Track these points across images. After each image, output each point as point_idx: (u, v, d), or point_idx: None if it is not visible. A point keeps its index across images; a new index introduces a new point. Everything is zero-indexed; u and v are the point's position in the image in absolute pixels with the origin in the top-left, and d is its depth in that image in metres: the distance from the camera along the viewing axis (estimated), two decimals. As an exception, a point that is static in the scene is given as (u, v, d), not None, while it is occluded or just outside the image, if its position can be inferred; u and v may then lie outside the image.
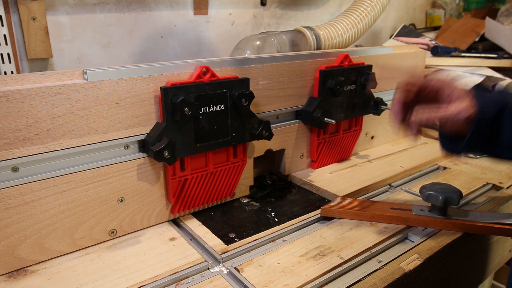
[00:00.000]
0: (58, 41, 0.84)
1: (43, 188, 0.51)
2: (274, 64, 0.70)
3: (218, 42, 1.09)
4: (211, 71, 0.61)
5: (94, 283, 0.49)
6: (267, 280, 0.49)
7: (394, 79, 0.95)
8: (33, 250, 0.52)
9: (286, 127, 0.76)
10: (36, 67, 0.83)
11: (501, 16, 1.42)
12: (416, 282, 0.54)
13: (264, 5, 1.14)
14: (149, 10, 0.95)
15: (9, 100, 0.46)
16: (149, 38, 0.97)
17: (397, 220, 0.62)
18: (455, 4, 1.72)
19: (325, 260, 0.53)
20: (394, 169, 0.82)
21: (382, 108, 0.86)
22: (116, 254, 0.56)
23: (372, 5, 0.98)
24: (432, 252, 0.56)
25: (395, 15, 1.58)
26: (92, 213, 0.56)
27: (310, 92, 0.78)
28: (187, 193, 0.64)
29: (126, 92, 0.55)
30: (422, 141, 1.02)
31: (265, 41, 0.88)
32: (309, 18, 1.27)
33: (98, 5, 0.87)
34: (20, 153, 0.49)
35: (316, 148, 0.82)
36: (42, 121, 0.49)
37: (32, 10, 0.77)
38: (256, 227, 0.63)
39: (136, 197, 0.59)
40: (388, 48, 0.92)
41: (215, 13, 1.06)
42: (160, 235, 0.60)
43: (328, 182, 0.77)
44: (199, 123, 0.60)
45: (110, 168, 0.56)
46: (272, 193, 0.76)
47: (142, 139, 0.58)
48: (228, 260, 0.54)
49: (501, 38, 1.27)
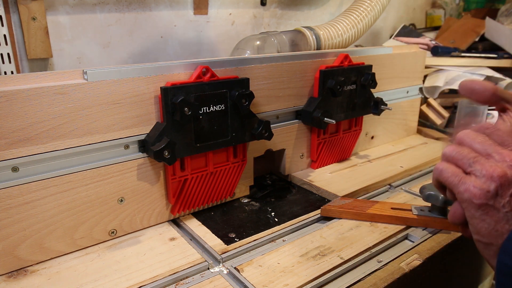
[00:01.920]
0: (58, 41, 0.84)
1: (43, 188, 0.51)
2: (274, 64, 0.70)
3: (218, 42, 1.09)
4: (211, 71, 0.61)
5: (94, 283, 0.49)
6: (267, 280, 0.49)
7: (394, 79, 0.95)
8: (33, 250, 0.52)
9: (286, 127, 0.76)
10: (36, 67, 0.83)
11: (501, 16, 1.42)
12: (416, 282, 0.54)
13: (264, 5, 1.14)
14: (149, 10, 0.95)
15: (9, 100, 0.46)
16: (149, 38, 0.97)
17: (397, 220, 0.62)
18: (455, 4, 1.72)
19: (325, 260, 0.53)
20: (394, 169, 0.82)
21: (382, 108, 0.86)
22: (116, 254, 0.56)
23: (372, 5, 0.98)
24: (432, 252, 0.56)
25: (395, 15, 1.58)
26: (92, 213, 0.56)
27: (310, 92, 0.78)
28: (187, 193, 0.64)
29: (126, 92, 0.55)
30: (422, 141, 1.02)
31: (265, 41, 0.88)
32: (309, 18, 1.27)
33: (98, 5, 0.87)
34: (20, 153, 0.49)
35: (316, 148, 0.82)
36: (42, 121, 0.49)
37: (32, 10, 0.77)
38: (256, 227, 0.63)
39: (136, 197, 0.59)
40: (388, 48, 0.92)
41: (215, 13, 1.06)
42: (160, 235, 0.60)
43: (328, 182, 0.77)
44: (199, 123, 0.60)
45: (110, 168, 0.56)
46: (272, 193, 0.76)
47: (142, 139, 0.58)
48: (228, 260, 0.55)
49: (501, 38, 1.27)
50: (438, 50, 1.23)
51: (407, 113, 1.03)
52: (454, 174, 0.39)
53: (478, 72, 1.16)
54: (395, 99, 0.97)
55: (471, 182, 0.37)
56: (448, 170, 0.39)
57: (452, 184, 0.39)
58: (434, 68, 1.20)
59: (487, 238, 0.37)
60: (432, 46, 1.26)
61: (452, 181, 0.39)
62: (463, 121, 0.53)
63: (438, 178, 0.41)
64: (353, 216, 0.63)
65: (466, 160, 0.38)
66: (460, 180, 0.38)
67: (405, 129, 1.05)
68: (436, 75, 1.17)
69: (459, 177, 0.38)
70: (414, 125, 1.08)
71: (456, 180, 0.38)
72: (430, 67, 1.20)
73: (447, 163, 0.40)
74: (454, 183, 0.38)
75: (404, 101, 1.00)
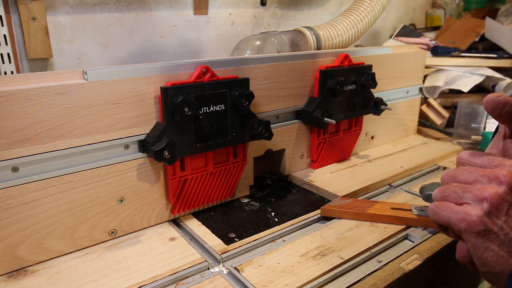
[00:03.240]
0: (58, 41, 0.84)
1: (43, 188, 0.51)
2: (274, 64, 0.70)
3: (218, 42, 1.09)
4: (211, 71, 0.61)
5: (94, 283, 0.49)
6: (267, 280, 0.49)
7: (394, 79, 0.95)
8: (33, 250, 0.52)
9: (286, 127, 0.76)
10: (36, 67, 0.83)
11: (501, 16, 1.42)
12: (416, 282, 0.54)
13: (264, 5, 1.14)
14: (149, 10, 0.95)
15: (9, 100, 0.46)
16: (149, 38, 0.97)
17: (397, 220, 0.62)
18: (455, 4, 1.72)
19: (325, 260, 0.53)
20: (394, 169, 0.82)
21: (382, 108, 0.86)
22: (116, 254, 0.56)
23: (372, 5, 0.98)
24: (432, 252, 0.56)
25: (395, 15, 1.58)
26: (92, 213, 0.56)
27: (310, 92, 0.78)
28: (187, 193, 0.64)
29: (126, 92, 0.55)
30: (422, 141, 1.02)
31: (265, 41, 0.88)
32: (309, 18, 1.27)
33: (98, 5, 0.87)
34: (20, 153, 0.49)
35: (316, 148, 0.82)
36: (42, 121, 0.49)
37: (32, 10, 0.77)
38: (256, 227, 0.63)
39: (136, 197, 0.59)
40: (388, 48, 0.92)
41: (215, 13, 1.06)
42: (160, 235, 0.60)
43: (328, 182, 0.77)
44: (199, 123, 0.60)
45: (110, 168, 0.56)
46: (272, 193, 0.76)
47: (142, 139, 0.58)
48: (228, 260, 0.55)
49: (501, 38, 1.27)
50: (438, 50, 1.23)
51: (407, 113, 1.03)
52: (447, 210, 0.38)
53: (478, 72, 1.16)
54: (395, 99, 0.97)
55: (463, 210, 0.36)
56: (440, 207, 0.39)
57: (448, 219, 0.38)
58: (434, 68, 1.20)
59: (497, 268, 0.36)
60: (432, 46, 1.26)
61: (447, 216, 0.38)
62: (463, 121, 0.53)
63: (435, 219, 0.40)
64: (353, 216, 0.63)
65: (455, 194, 0.38)
66: (453, 212, 0.37)
67: (405, 129, 1.05)
68: (436, 75, 1.17)
69: (452, 210, 0.37)
70: (414, 125, 1.08)
71: (450, 214, 0.37)
72: (430, 67, 1.20)
73: (438, 203, 0.39)
74: (449, 217, 0.38)
75: (404, 101, 1.00)
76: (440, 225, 0.40)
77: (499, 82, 1.17)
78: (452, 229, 0.39)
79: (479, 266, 0.37)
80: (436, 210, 0.39)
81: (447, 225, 0.39)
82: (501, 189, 0.35)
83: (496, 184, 0.36)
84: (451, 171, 0.40)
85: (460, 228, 0.37)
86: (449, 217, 0.37)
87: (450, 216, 0.37)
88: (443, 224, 0.39)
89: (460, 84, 1.13)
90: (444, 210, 0.38)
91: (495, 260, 0.36)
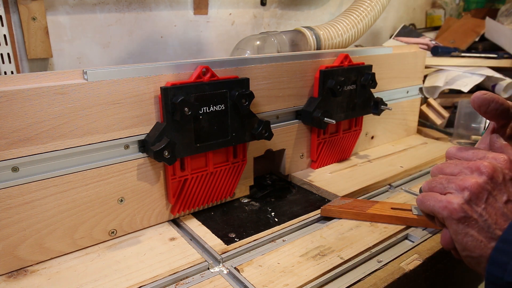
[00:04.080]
0: (58, 41, 0.84)
1: (43, 188, 0.51)
2: (274, 64, 0.70)
3: (218, 42, 1.09)
4: (211, 71, 0.61)
5: (94, 283, 0.49)
6: (267, 280, 0.49)
7: (394, 79, 0.95)
8: (33, 250, 0.52)
9: (286, 127, 0.76)
10: (36, 67, 0.83)
11: (501, 16, 1.42)
12: (416, 282, 0.54)
13: (264, 5, 1.14)
14: (149, 10, 0.95)
15: (9, 100, 0.46)
16: (149, 38, 0.97)
17: (397, 220, 0.62)
18: (455, 4, 1.72)
19: (325, 260, 0.53)
20: (394, 169, 0.82)
21: (382, 108, 0.86)
22: (116, 254, 0.56)
23: (372, 5, 0.98)
24: (432, 252, 0.56)
25: (395, 15, 1.58)
26: (92, 213, 0.56)
27: (310, 92, 0.78)
28: (187, 193, 0.64)
29: (126, 92, 0.55)
30: (422, 141, 1.02)
31: (265, 41, 0.88)
32: (309, 18, 1.27)
33: (98, 5, 0.87)
34: (20, 153, 0.49)
35: (316, 148, 0.82)
36: (42, 121, 0.49)
37: (32, 10, 0.77)
38: (256, 227, 0.63)
39: (136, 197, 0.59)
40: (388, 48, 0.92)
41: (215, 13, 1.06)
42: (160, 235, 0.60)
43: (328, 182, 0.77)
44: (199, 123, 0.60)
45: (110, 168, 0.56)
46: (272, 193, 0.76)
47: (142, 139, 0.58)
48: (228, 260, 0.55)
49: (501, 38, 1.27)
50: (438, 50, 1.23)
51: (407, 113, 1.03)
52: (432, 199, 0.41)
53: (478, 72, 1.16)
54: (395, 99, 0.97)
55: (446, 199, 0.39)
56: (426, 197, 0.42)
57: (432, 207, 0.41)
58: (434, 68, 1.20)
59: (476, 252, 0.38)
60: (432, 46, 1.26)
61: (431, 205, 0.41)
62: (463, 121, 0.54)
63: (421, 208, 0.43)
64: (353, 216, 0.63)
65: (440, 185, 0.41)
66: (437, 201, 0.40)
67: (405, 129, 1.05)
68: (436, 75, 1.17)
69: (436, 199, 0.40)
70: (414, 125, 1.08)
71: (434, 202, 0.40)
72: (430, 67, 1.20)
73: (426, 193, 0.43)
74: (433, 205, 0.40)
75: (404, 101, 1.00)
76: (427, 214, 0.43)
77: (499, 82, 1.16)
78: (437, 217, 0.41)
79: (461, 251, 0.40)
80: (423, 200, 0.42)
81: (432, 213, 0.41)
82: (481, 179, 0.38)
83: (477, 174, 0.39)
84: (439, 164, 0.44)
85: (443, 215, 0.39)
86: (433, 206, 0.40)
87: (434, 205, 0.40)
88: (429, 213, 0.42)
89: (460, 84, 1.13)
90: (429, 199, 0.41)
91: (475, 245, 0.38)
